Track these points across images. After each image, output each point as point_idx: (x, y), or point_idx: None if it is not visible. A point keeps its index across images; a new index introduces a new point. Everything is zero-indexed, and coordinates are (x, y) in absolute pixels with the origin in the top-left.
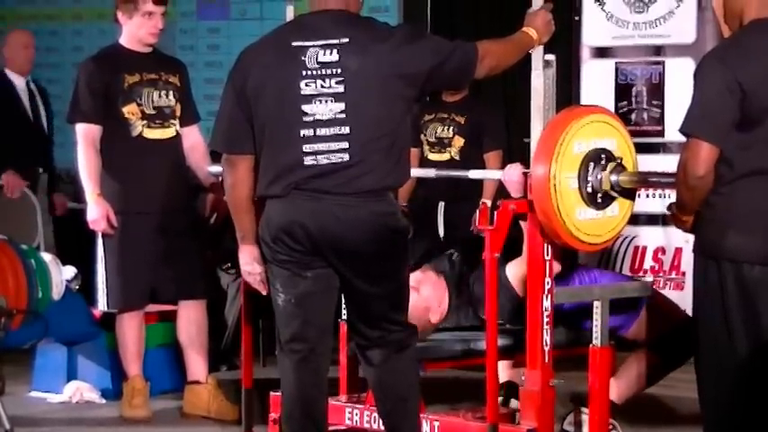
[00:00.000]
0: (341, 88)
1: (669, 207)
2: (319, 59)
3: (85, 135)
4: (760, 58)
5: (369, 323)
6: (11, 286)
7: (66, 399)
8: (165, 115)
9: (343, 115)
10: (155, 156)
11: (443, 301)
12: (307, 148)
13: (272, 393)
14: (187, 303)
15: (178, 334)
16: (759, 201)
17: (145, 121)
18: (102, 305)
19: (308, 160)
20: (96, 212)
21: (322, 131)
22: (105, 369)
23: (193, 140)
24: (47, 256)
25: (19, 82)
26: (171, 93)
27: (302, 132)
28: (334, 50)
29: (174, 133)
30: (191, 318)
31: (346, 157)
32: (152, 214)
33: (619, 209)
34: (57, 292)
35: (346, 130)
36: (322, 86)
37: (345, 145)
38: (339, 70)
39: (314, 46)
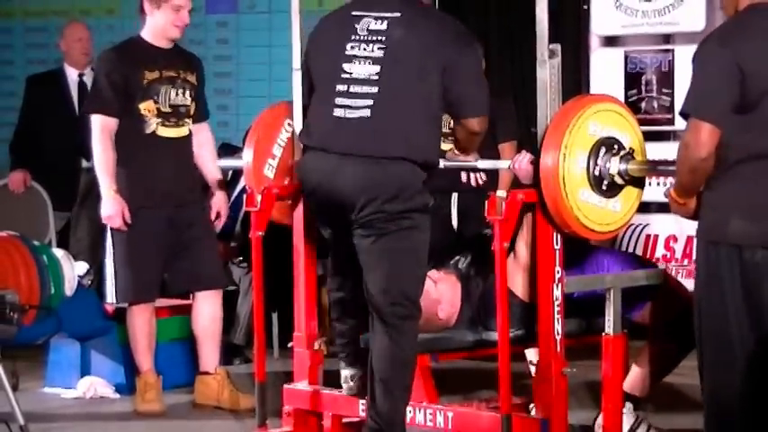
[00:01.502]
0: (380, 53)
1: (667, 192)
2: (370, 27)
3: (102, 127)
4: (758, 41)
5: (379, 289)
6: (23, 282)
7: (80, 394)
8: (180, 114)
9: (376, 77)
10: (167, 154)
11: (455, 303)
12: (338, 101)
13: (285, 386)
14: (202, 295)
15: (192, 325)
16: (760, 185)
17: (160, 119)
18: (110, 298)
19: (338, 112)
20: (112, 209)
21: (355, 89)
22: (118, 364)
23: (202, 138)
24: (59, 252)
25: (73, 75)
26: (187, 92)
27: (338, 87)
28: (385, 21)
29: (188, 132)
30: (205, 309)
31: (368, 113)
32: (162, 209)
33: (621, 205)
34: (69, 287)
35: (375, 89)
36: (365, 50)
37: (370, 102)
38: (384, 38)
39: (368, 16)
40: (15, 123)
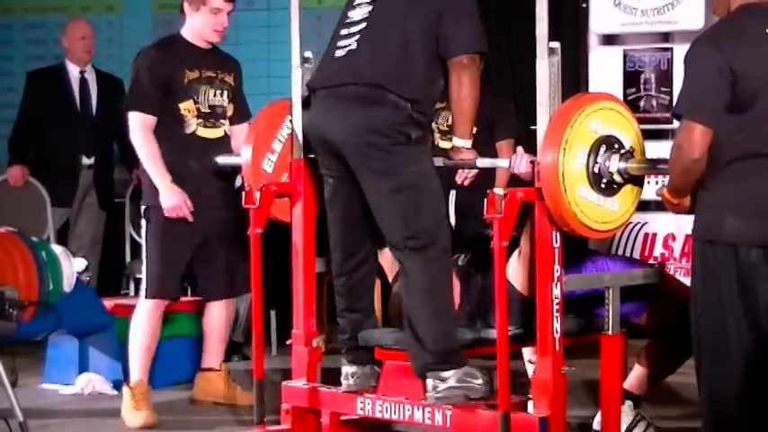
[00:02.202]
0: None
1: (660, 192)
2: None
3: (143, 124)
4: (750, 42)
5: (389, 229)
6: (22, 278)
7: (78, 390)
8: (217, 115)
9: (368, 15)
10: (205, 154)
11: (455, 301)
12: (339, 43)
13: (283, 384)
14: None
15: (204, 323)
16: (754, 184)
17: (200, 120)
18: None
19: (338, 53)
20: (175, 199)
21: (351, 29)
22: (116, 361)
23: (242, 139)
24: (57, 249)
25: (74, 71)
26: (225, 93)
27: (341, 32)
28: None
29: (223, 133)
30: (219, 312)
31: (354, 45)
32: (196, 211)
33: (619, 205)
34: (68, 283)
35: (364, 25)
36: None
37: (359, 36)
38: None
39: None
40: (14, 120)
